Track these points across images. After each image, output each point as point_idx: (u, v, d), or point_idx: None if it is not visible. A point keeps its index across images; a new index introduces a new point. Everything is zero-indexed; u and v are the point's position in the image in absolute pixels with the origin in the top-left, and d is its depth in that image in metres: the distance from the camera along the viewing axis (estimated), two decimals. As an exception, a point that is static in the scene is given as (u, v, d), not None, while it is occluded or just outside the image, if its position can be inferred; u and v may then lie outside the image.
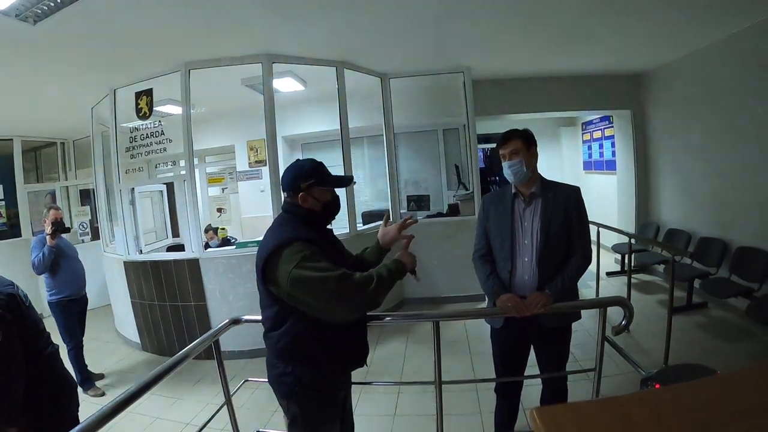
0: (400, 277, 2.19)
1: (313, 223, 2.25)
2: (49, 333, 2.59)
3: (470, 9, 4.49)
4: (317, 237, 2.18)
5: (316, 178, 2.22)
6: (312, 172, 2.22)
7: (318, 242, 2.13)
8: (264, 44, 5.20)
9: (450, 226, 7.00)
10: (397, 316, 3.86)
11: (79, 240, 8.12)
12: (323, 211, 2.28)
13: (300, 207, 2.22)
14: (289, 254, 2.01)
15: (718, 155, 6.02)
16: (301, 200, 2.21)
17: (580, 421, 1.30)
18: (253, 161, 5.97)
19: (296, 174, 2.23)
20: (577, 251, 2.75)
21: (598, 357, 2.84)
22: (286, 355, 2.17)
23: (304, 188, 2.20)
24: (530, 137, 2.82)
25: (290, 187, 2.23)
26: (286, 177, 2.25)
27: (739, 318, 5.39)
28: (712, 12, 4.82)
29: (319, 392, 2.19)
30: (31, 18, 3.71)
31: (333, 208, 2.33)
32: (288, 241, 2.05)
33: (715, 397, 1.39)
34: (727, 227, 5.87)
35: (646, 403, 1.40)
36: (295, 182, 2.21)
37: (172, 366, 2.30)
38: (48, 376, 2.40)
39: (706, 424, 1.18)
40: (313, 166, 2.25)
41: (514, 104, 7.75)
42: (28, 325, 2.38)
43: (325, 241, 2.27)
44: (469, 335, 5.59)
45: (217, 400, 2.87)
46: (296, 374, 2.15)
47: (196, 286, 5.56)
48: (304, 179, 2.20)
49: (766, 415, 1.23)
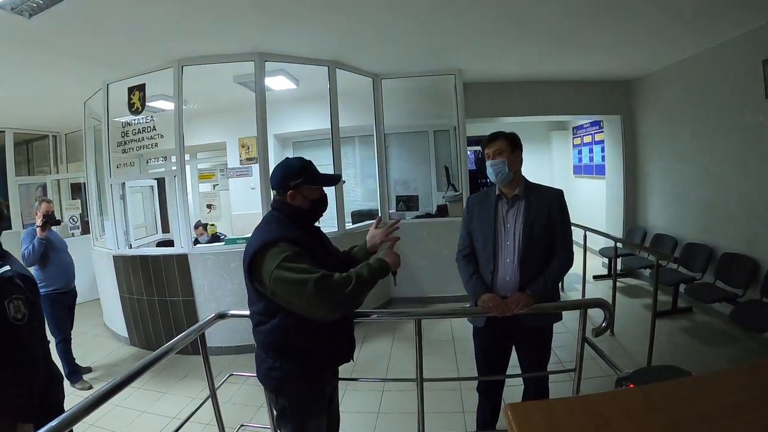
0: (382, 276, 2.19)
1: (301, 221, 2.27)
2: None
3: (462, 12, 4.53)
4: (304, 236, 2.20)
5: (305, 176, 2.24)
6: (301, 171, 2.24)
7: (304, 241, 2.15)
8: (257, 42, 5.21)
9: (438, 226, 7.03)
10: (381, 314, 3.89)
11: (69, 234, 8.11)
12: (311, 209, 2.29)
13: (289, 205, 2.24)
14: (273, 254, 2.03)
15: (705, 161, 6.08)
16: (290, 198, 2.22)
17: (552, 417, 1.34)
18: (244, 158, 5.97)
19: (285, 172, 2.24)
20: (559, 252, 2.80)
21: (578, 358, 2.87)
22: (274, 349, 2.19)
23: (293, 186, 2.22)
24: (516, 140, 2.86)
25: (279, 185, 2.24)
26: (275, 175, 2.26)
27: (723, 323, 5.46)
28: (701, 21, 4.87)
29: (307, 386, 2.22)
30: (27, 12, 3.72)
31: (321, 206, 2.35)
32: (273, 240, 2.07)
33: (688, 397, 1.43)
34: (714, 233, 5.93)
35: (618, 401, 1.44)
36: (284, 180, 2.23)
37: (158, 357, 2.33)
38: (45, 366, 2.42)
39: (677, 422, 1.21)
40: (302, 164, 2.27)
41: (505, 107, 7.79)
42: (39, 314, 2.51)
43: (312, 239, 2.30)
44: (454, 335, 5.63)
45: (203, 395, 2.88)
46: (284, 369, 2.18)
47: (184, 282, 5.57)
48: (293, 177, 2.22)
49: (737, 416, 1.27)
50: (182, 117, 5.53)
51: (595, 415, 1.33)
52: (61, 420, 1.71)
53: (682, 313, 5.96)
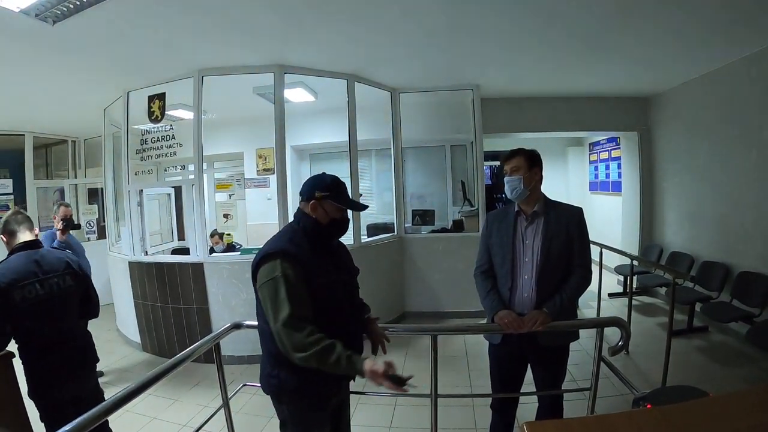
0: (344, 373, 2.07)
1: (316, 235, 2.28)
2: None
3: (481, 28, 4.55)
4: (311, 253, 2.21)
5: (332, 192, 2.26)
6: (330, 186, 2.27)
7: (308, 260, 2.16)
8: (277, 54, 5.26)
9: (454, 241, 7.03)
10: (396, 329, 3.88)
11: (85, 238, 8.20)
12: (329, 225, 2.30)
13: (307, 216, 2.26)
14: (268, 268, 2.11)
15: (723, 179, 6.02)
16: (312, 209, 2.25)
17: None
18: (261, 169, 6.01)
19: (315, 183, 2.28)
20: (576, 270, 2.78)
21: (594, 376, 2.85)
22: (273, 357, 2.20)
23: (317, 197, 2.24)
24: (534, 157, 2.87)
25: (306, 192, 2.28)
26: (307, 183, 2.31)
27: (739, 343, 5.38)
28: (720, 37, 4.86)
29: (304, 398, 2.22)
30: (51, 18, 3.78)
31: (339, 226, 2.35)
32: (273, 254, 2.12)
33: (705, 418, 1.42)
34: (731, 252, 5.86)
35: (635, 422, 1.43)
36: (312, 190, 2.26)
37: (173, 366, 2.35)
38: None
39: (693, 444, 1.21)
40: (334, 181, 2.30)
41: (522, 123, 7.80)
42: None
43: (321, 254, 2.28)
44: (468, 351, 5.59)
45: (214, 404, 2.89)
46: (281, 378, 2.19)
47: (199, 290, 5.59)
48: (321, 189, 2.25)
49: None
50: (201, 126, 5.59)
51: (613, 436, 1.32)
52: (76, 424, 1.73)
53: (697, 332, 5.88)
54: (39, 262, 2.94)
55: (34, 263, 2.92)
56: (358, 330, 2.46)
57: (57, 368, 2.88)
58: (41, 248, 3.08)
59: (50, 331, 2.90)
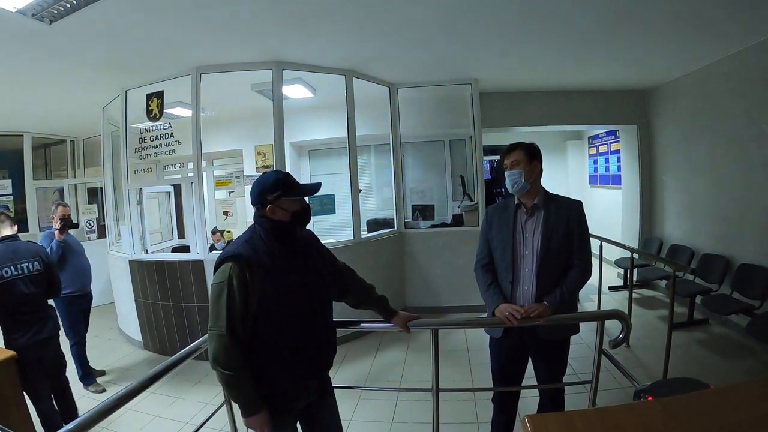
0: (237, 402, 2.19)
1: (283, 234, 2.26)
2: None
3: (479, 21, 4.54)
4: (276, 253, 2.20)
5: (282, 189, 2.23)
6: (276, 185, 2.23)
7: (267, 262, 2.16)
8: (274, 51, 5.25)
9: (454, 236, 7.02)
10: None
11: (85, 237, 8.21)
12: (292, 221, 2.27)
13: (269, 219, 2.24)
14: (220, 271, 2.13)
15: (723, 172, 6.03)
16: (270, 212, 2.22)
17: (571, 429, 1.33)
18: (260, 166, 6.01)
19: (262, 188, 2.24)
20: (576, 264, 2.78)
21: (595, 369, 2.86)
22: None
23: (270, 201, 2.22)
24: (534, 151, 2.87)
25: (257, 201, 2.26)
26: (253, 192, 2.27)
27: (739, 335, 5.39)
28: (718, 29, 4.85)
29: (268, 398, 2.18)
30: (48, 18, 3.76)
31: (302, 217, 2.32)
32: (226, 258, 2.14)
33: (706, 410, 1.42)
34: (731, 244, 5.87)
35: (637, 414, 1.43)
36: (261, 196, 2.23)
37: (174, 364, 2.36)
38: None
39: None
40: (277, 178, 2.26)
41: (522, 117, 7.80)
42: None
43: (289, 254, 2.27)
44: (469, 345, 5.60)
45: (216, 401, 2.90)
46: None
47: (199, 288, 5.59)
48: (270, 192, 2.22)
49: (757, 429, 1.26)
50: (200, 124, 5.58)
51: (614, 427, 1.32)
52: (76, 424, 1.74)
53: (698, 324, 5.88)
54: (15, 250, 3.85)
55: (11, 252, 3.82)
56: (329, 336, 2.42)
57: (23, 327, 3.76)
58: (18, 240, 3.98)
59: (19, 302, 3.76)
